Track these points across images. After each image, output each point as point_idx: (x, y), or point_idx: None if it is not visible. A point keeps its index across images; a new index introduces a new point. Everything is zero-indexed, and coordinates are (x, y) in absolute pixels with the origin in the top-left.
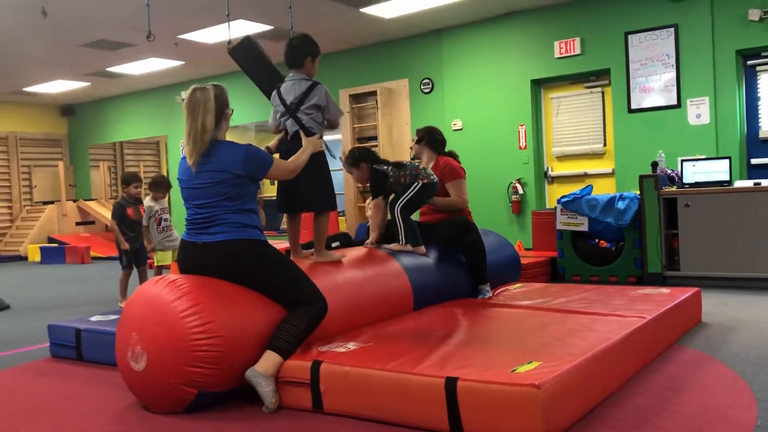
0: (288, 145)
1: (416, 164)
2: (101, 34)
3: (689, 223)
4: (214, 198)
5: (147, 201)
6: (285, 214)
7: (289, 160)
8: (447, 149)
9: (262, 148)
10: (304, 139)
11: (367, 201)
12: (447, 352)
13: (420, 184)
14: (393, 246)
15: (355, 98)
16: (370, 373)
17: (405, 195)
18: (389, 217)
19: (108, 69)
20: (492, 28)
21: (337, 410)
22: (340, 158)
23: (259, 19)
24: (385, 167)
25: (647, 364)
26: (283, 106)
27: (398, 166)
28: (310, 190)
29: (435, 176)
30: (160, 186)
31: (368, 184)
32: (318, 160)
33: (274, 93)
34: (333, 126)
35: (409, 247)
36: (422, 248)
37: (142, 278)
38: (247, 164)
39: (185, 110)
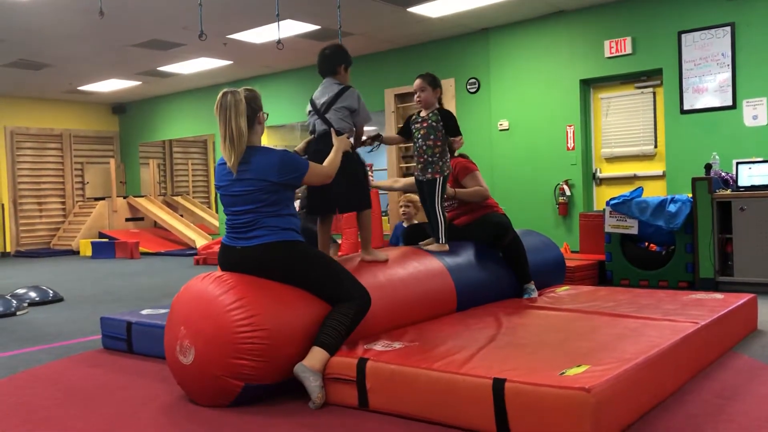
0: (315, 146)
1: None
2: (153, 34)
3: (744, 227)
4: (252, 205)
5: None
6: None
7: (323, 163)
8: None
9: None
10: (334, 138)
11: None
12: (493, 353)
13: (443, 178)
14: (432, 247)
15: (400, 98)
16: (416, 372)
17: (437, 193)
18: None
19: (159, 68)
20: (540, 27)
21: (382, 408)
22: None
23: (307, 19)
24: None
25: (700, 371)
26: (314, 109)
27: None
28: (348, 190)
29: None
30: None
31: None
32: (351, 161)
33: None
34: (359, 131)
35: (446, 247)
36: (446, 246)
37: None
38: (283, 172)
39: (217, 114)
